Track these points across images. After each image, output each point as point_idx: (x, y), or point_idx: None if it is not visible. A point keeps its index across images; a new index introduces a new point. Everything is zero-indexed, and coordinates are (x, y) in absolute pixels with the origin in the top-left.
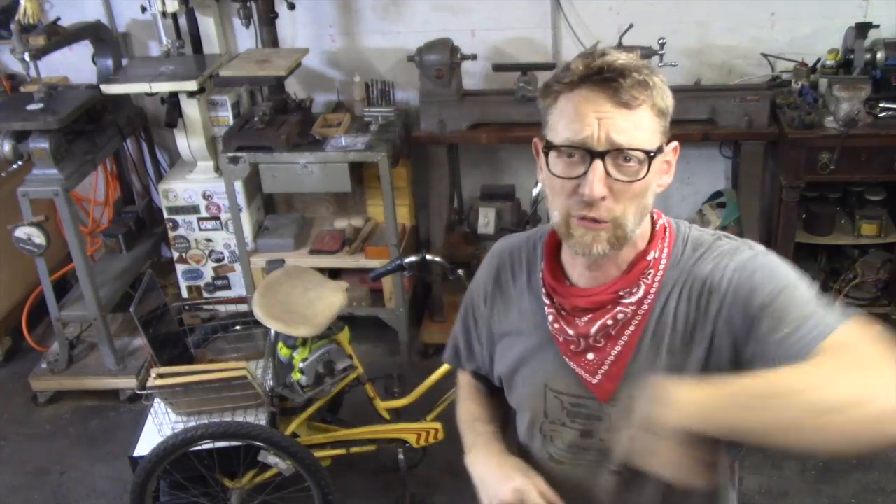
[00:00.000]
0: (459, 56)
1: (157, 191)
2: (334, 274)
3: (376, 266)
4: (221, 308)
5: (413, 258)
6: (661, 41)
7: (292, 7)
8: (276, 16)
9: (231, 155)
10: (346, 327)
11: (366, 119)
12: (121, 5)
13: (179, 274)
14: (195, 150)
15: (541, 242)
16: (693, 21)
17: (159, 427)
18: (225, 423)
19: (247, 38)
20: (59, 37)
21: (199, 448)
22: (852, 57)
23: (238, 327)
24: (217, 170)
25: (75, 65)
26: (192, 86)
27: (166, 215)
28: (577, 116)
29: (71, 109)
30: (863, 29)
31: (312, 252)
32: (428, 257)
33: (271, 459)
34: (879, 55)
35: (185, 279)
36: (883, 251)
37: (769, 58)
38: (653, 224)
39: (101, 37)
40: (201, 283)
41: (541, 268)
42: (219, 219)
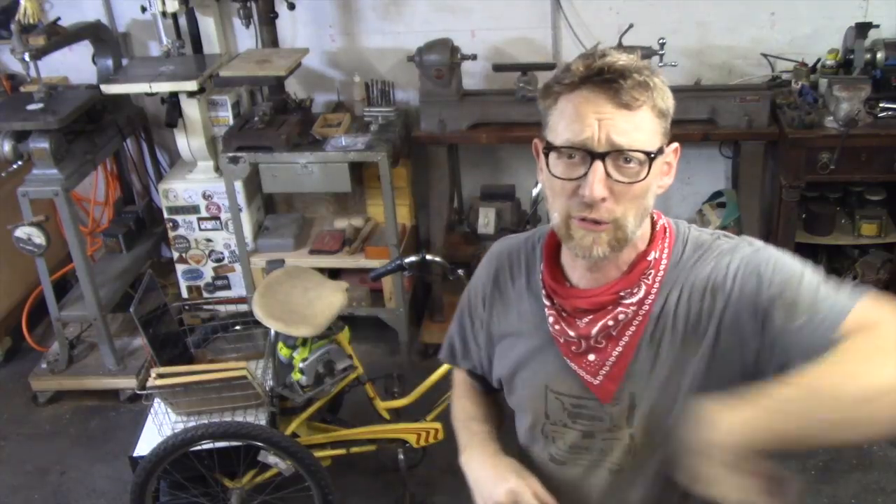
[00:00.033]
0: (459, 56)
1: (157, 191)
2: (334, 274)
3: (376, 266)
4: (221, 308)
5: (413, 258)
6: (661, 41)
7: (292, 7)
8: (276, 16)
9: (231, 155)
10: (346, 327)
11: (366, 119)
12: (121, 5)
13: (179, 274)
14: (195, 150)
15: (539, 244)
16: (693, 21)
17: (159, 427)
18: (225, 423)
19: (247, 38)
20: (59, 37)
21: (199, 448)
22: (852, 57)
23: (238, 327)
24: (217, 170)
25: (75, 65)
26: (192, 86)
27: (166, 215)
28: (577, 117)
29: (71, 109)
30: (863, 29)
31: (312, 252)
32: (428, 257)
33: (271, 459)
34: (879, 55)
35: (185, 279)
36: (883, 251)
37: (769, 58)
38: (653, 225)
39: (101, 37)
40: (201, 283)
41: (540, 269)
42: (219, 219)
